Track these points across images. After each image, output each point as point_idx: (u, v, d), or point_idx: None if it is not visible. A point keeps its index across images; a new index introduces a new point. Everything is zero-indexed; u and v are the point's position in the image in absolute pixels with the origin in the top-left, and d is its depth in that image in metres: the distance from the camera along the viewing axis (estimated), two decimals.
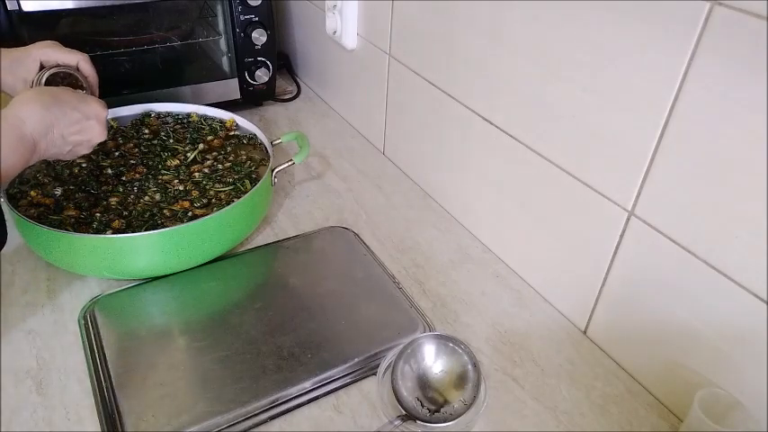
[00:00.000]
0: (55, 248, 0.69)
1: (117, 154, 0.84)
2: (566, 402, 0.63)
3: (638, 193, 0.59)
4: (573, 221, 0.67)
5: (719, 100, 0.49)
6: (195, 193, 0.77)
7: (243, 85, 1.10)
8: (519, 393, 0.63)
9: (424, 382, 0.59)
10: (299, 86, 1.27)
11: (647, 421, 0.61)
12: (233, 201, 0.75)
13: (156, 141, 0.87)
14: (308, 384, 0.61)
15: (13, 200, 0.72)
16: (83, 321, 0.67)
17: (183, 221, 0.72)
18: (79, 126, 0.65)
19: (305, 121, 1.15)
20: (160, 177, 0.80)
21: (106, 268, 0.69)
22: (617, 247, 0.63)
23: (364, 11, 0.98)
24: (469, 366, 0.58)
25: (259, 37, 1.05)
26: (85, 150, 0.69)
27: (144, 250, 0.69)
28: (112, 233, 0.69)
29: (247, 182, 0.80)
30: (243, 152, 0.87)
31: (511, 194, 0.76)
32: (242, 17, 1.03)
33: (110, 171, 0.80)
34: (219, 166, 0.83)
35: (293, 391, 0.60)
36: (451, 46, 0.79)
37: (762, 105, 0.46)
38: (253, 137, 0.90)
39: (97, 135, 0.68)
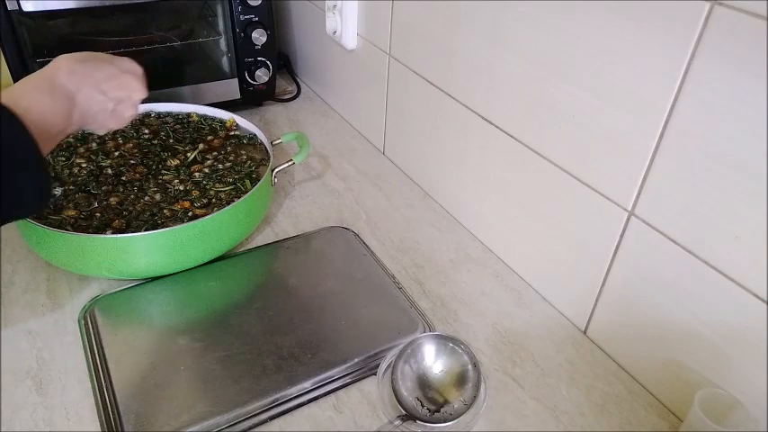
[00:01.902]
0: (55, 248, 0.69)
1: (117, 154, 0.84)
2: (566, 402, 0.63)
3: (638, 193, 0.59)
4: (573, 221, 0.67)
5: (719, 100, 0.49)
6: (195, 193, 0.77)
7: (243, 85, 1.10)
8: (519, 393, 0.63)
9: (424, 382, 0.59)
10: (299, 86, 1.27)
11: (647, 421, 0.61)
12: (233, 201, 0.75)
13: (156, 141, 0.87)
14: (307, 384, 0.61)
15: None
16: (83, 321, 0.67)
17: (183, 221, 0.71)
18: (117, 81, 0.64)
19: (305, 121, 1.15)
20: (160, 177, 0.80)
21: (106, 268, 0.69)
22: (617, 247, 0.63)
23: (364, 11, 0.98)
24: (469, 366, 0.58)
25: (259, 37, 1.05)
26: (131, 111, 0.67)
27: (144, 250, 0.69)
28: (112, 233, 0.69)
29: (247, 182, 0.80)
30: (243, 152, 0.87)
31: (511, 194, 0.76)
32: (242, 17, 1.03)
33: (110, 171, 0.80)
34: (220, 166, 0.83)
35: (293, 391, 0.60)
36: (451, 46, 0.79)
37: (762, 105, 0.46)
38: (253, 137, 0.90)
39: (137, 90, 0.67)
